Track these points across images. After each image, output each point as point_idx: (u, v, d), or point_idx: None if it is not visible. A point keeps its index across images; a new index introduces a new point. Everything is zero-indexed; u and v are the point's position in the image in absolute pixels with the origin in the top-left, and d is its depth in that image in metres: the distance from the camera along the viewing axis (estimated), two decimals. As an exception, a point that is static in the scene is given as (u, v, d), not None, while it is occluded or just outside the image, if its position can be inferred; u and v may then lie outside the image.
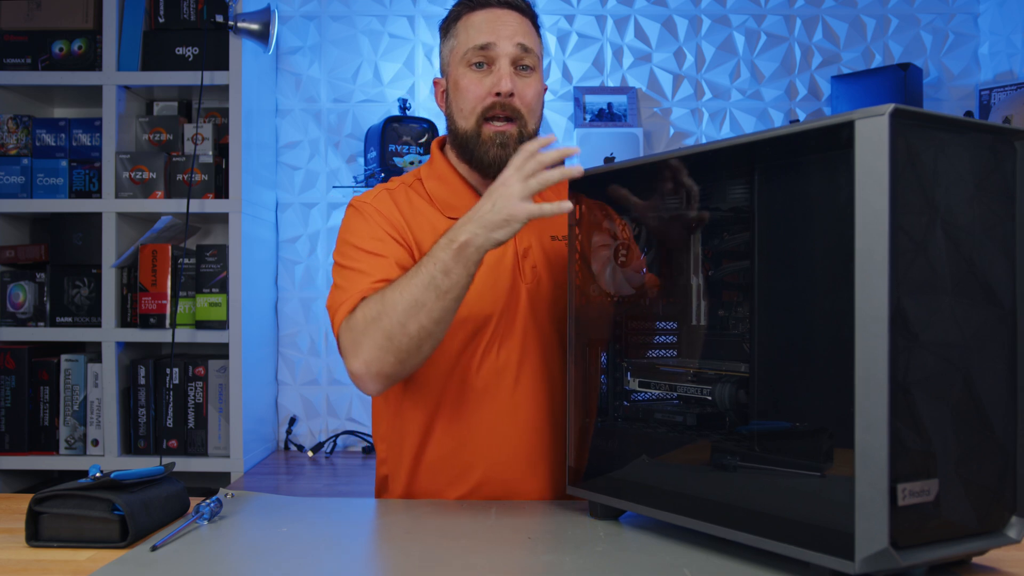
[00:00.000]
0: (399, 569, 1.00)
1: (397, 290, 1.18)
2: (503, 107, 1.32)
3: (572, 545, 1.06)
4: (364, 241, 1.32)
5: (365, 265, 1.29)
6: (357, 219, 1.35)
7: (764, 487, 0.93)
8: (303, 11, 2.96)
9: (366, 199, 1.37)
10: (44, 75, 2.59)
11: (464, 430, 1.33)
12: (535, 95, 1.35)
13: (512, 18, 1.34)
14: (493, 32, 1.32)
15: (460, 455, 1.33)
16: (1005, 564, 0.97)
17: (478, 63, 1.33)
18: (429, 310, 1.17)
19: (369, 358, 1.20)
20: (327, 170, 2.96)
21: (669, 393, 1.13)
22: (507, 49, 1.32)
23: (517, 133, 1.33)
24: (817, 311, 0.90)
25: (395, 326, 1.18)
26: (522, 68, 1.33)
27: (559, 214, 1.12)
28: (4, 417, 2.54)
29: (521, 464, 1.33)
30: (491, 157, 1.32)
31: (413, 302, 1.17)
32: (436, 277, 1.15)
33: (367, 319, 1.20)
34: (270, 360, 2.89)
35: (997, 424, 0.91)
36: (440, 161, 1.42)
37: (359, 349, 1.21)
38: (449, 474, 1.34)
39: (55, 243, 2.61)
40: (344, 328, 1.24)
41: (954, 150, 0.88)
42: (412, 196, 1.39)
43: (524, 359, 1.33)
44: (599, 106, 2.95)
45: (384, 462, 1.41)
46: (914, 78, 2.76)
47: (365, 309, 1.21)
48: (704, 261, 1.07)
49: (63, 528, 1.04)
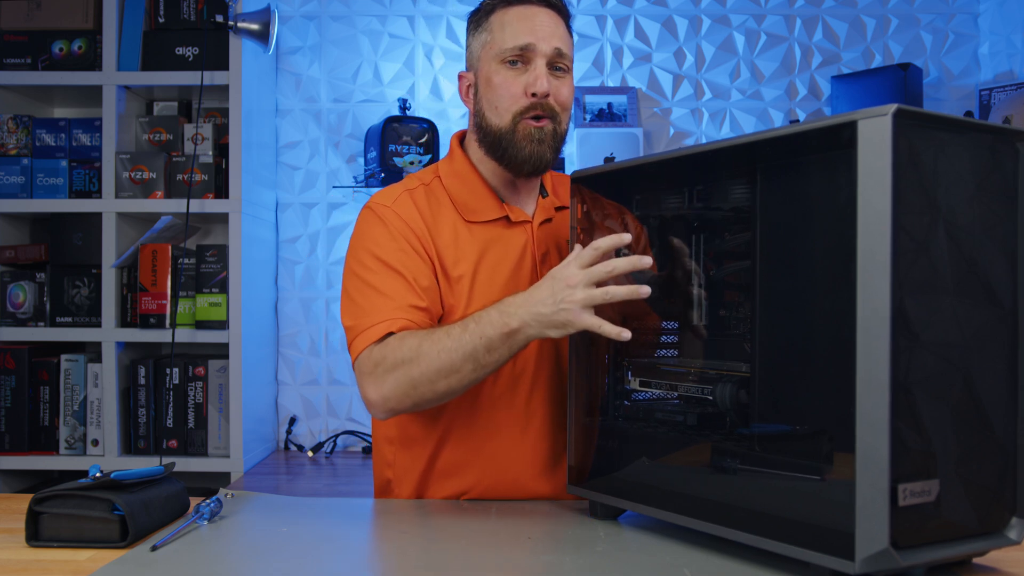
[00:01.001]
0: (399, 569, 0.99)
1: (435, 347, 1.16)
2: (541, 107, 1.29)
3: (572, 545, 1.06)
4: (387, 253, 1.28)
5: (389, 286, 1.26)
6: (378, 226, 1.31)
7: (764, 487, 0.93)
8: (303, 11, 2.96)
9: (386, 202, 1.33)
10: (44, 75, 2.59)
11: (479, 438, 1.32)
12: (569, 94, 1.33)
13: (549, 18, 1.31)
14: (531, 32, 1.28)
15: (474, 462, 1.32)
16: (1005, 564, 0.97)
17: (512, 61, 1.29)
18: (462, 377, 1.17)
19: (389, 395, 1.20)
20: (327, 170, 2.96)
21: (670, 393, 1.13)
22: (544, 50, 1.28)
23: (552, 130, 1.31)
24: (818, 311, 0.90)
25: (424, 380, 1.17)
26: (556, 69, 1.31)
27: (615, 339, 1.07)
28: (4, 417, 2.54)
29: (535, 471, 1.33)
30: (527, 153, 1.29)
31: (449, 366, 1.16)
32: (479, 350, 1.15)
33: (397, 360, 1.19)
34: (270, 360, 2.89)
35: (997, 424, 0.91)
36: (460, 158, 1.38)
37: (380, 383, 1.20)
38: (462, 480, 1.33)
39: (55, 243, 2.61)
40: (367, 357, 1.22)
41: (955, 150, 0.88)
42: (432, 197, 1.35)
43: (540, 366, 1.32)
44: (599, 106, 2.95)
45: (390, 465, 1.39)
46: (914, 78, 2.76)
47: (397, 349, 1.19)
48: (706, 261, 1.07)
49: (63, 528, 1.04)
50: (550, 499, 1.34)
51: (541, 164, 1.31)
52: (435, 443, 1.33)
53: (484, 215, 1.34)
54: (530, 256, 1.35)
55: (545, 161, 1.31)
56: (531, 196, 1.39)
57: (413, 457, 1.35)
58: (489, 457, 1.32)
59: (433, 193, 1.36)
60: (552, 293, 1.10)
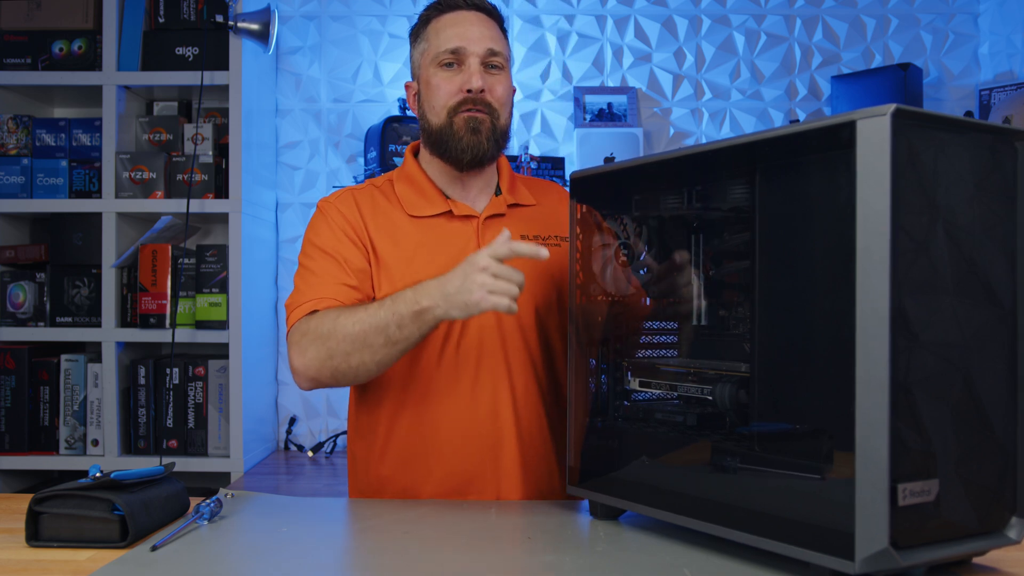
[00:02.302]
0: (399, 569, 0.99)
1: (351, 319, 1.24)
2: (475, 102, 1.35)
3: (572, 545, 1.06)
4: (323, 241, 1.38)
5: (321, 267, 1.35)
6: (319, 219, 1.41)
7: (764, 487, 0.93)
8: (303, 11, 2.96)
9: (331, 199, 1.43)
10: (44, 75, 2.59)
11: (427, 423, 1.35)
12: (505, 91, 1.39)
13: (480, 21, 1.39)
14: (463, 36, 1.36)
15: (424, 447, 1.35)
16: (1005, 564, 0.97)
17: (448, 63, 1.37)
18: (373, 351, 1.24)
19: (309, 363, 1.28)
20: (327, 170, 2.96)
21: (669, 393, 1.13)
22: (476, 50, 1.36)
23: (490, 123, 1.36)
24: (818, 311, 0.90)
25: (339, 351, 1.25)
26: (491, 67, 1.38)
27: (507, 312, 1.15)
28: (4, 417, 2.54)
29: (483, 458, 1.34)
30: (465, 143, 1.36)
31: (362, 338, 1.23)
32: (390, 326, 1.22)
33: (319, 332, 1.26)
34: (270, 360, 2.89)
35: (997, 424, 0.91)
36: (411, 164, 1.46)
37: (303, 353, 1.28)
38: (415, 466, 1.36)
39: (55, 243, 2.61)
40: (295, 330, 1.31)
41: (954, 150, 0.88)
42: (377, 196, 1.43)
43: (483, 353, 1.35)
44: (599, 106, 2.95)
45: (354, 456, 1.44)
46: (914, 78, 2.76)
47: (321, 322, 1.27)
48: (705, 261, 1.07)
49: (63, 528, 1.04)
50: (510, 491, 1.35)
51: (479, 153, 1.37)
52: (387, 427, 1.37)
53: (427, 210, 1.41)
54: (474, 248, 1.37)
55: (483, 150, 1.37)
56: (482, 193, 1.44)
57: (368, 444, 1.40)
58: (439, 444, 1.34)
59: (383, 193, 1.44)
60: (464, 276, 1.16)
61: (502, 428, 1.35)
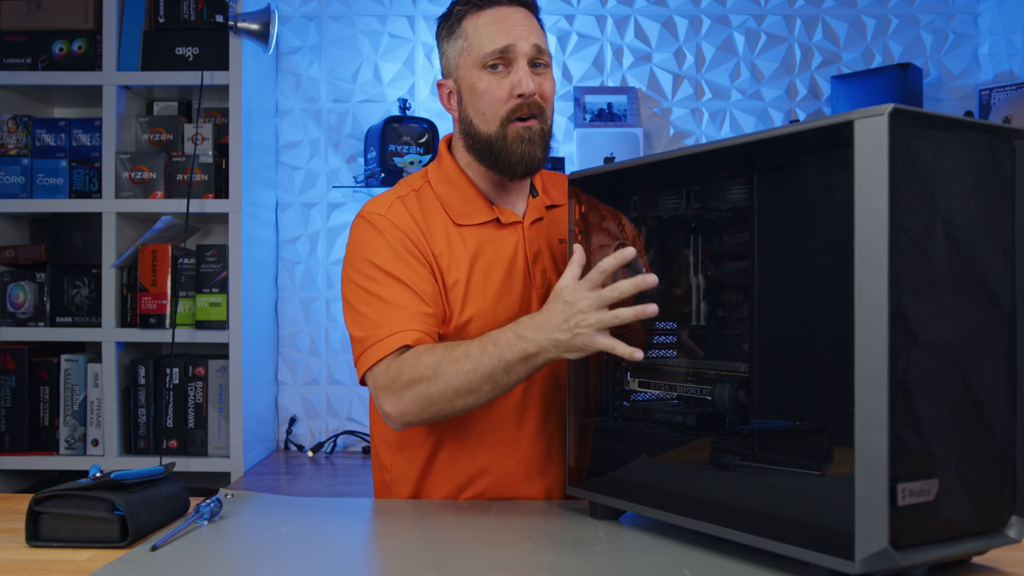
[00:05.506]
0: (399, 569, 1.00)
1: (454, 367, 1.18)
2: (528, 106, 1.30)
3: (572, 545, 1.06)
4: (387, 262, 1.29)
5: (393, 295, 1.27)
6: (375, 235, 1.31)
7: (764, 487, 0.93)
8: (303, 11, 2.96)
9: (380, 211, 1.33)
10: (44, 75, 2.59)
11: (474, 437, 1.32)
12: (552, 89, 1.34)
13: (522, 16, 1.31)
14: (508, 33, 1.29)
15: (469, 463, 1.33)
16: (1005, 564, 0.97)
17: (494, 65, 1.30)
18: (479, 396, 1.20)
19: (406, 410, 1.22)
20: (327, 170, 2.96)
21: (669, 393, 1.13)
22: (524, 49, 1.29)
23: (540, 129, 1.31)
24: (817, 311, 0.91)
25: (442, 398, 1.20)
26: (536, 65, 1.31)
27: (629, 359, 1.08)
28: (4, 417, 2.54)
29: (529, 469, 1.33)
30: (519, 155, 1.30)
31: (468, 386, 1.18)
32: (497, 372, 1.17)
33: (414, 377, 1.20)
34: (270, 360, 2.89)
35: (997, 424, 0.91)
36: (449, 162, 1.39)
37: (398, 399, 1.22)
38: (457, 481, 1.34)
39: (55, 243, 2.61)
40: (383, 371, 1.23)
41: (953, 150, 0.88)
42: (423, 202, 1.36)
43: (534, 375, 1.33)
44: (599, 106, 2.95)
45: (387, 469, 1.39)
46: (914, 78, 2.76)
47: (415, 366, 1.20)
48: (704, 261, 1.07)
49: (63, 528, 1.04)
50: (545, 497, 1.34)
51: (533, 164, 1.32)
52: (431, 447, 1.34)
53: (474, 218, 1.35)
54: (522, 256, 1.35)
55: (536, 160, 1.32)
56: (521, 196, 1.40)
57: (409, 460, 1.36)
58: (484, 458, 1.33)
59: (424, 198, 1.36)
60: (566, 319, 1.11)
61: (550, 441, 1.35)
